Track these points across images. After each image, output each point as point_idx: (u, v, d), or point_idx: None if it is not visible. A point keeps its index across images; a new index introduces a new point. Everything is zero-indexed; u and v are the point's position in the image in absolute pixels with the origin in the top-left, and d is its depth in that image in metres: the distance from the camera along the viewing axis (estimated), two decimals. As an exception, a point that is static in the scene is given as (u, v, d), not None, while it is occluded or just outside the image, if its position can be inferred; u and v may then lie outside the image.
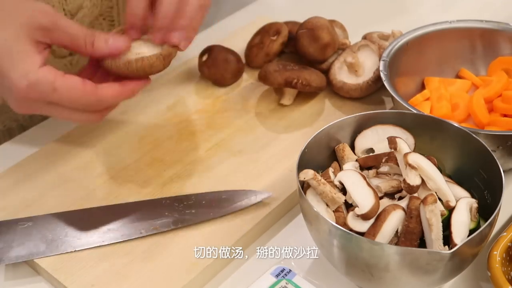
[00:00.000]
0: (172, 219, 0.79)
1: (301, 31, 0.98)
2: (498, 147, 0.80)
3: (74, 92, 0.73)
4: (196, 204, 0.80)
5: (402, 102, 0.83)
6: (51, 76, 0.72)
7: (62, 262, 0.75)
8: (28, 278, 0.77)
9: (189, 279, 0.73)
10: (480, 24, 0.97)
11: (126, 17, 0.79)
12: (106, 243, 0.77)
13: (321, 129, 0.76)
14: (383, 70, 0.89)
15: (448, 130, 0.77)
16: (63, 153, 0.89)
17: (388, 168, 0.75)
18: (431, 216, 0.66)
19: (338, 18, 1.05)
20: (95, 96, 0.74)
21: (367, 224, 0.69)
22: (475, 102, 0.89)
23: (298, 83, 0.92)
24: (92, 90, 0.73)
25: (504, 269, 0.69)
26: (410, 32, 0.95)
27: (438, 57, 0.97)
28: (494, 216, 0.66)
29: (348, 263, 0.68)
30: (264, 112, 0.96)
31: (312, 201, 0.71)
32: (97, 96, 0.74)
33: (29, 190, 0.84)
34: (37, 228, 0.78)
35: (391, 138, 0.72)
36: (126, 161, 0.88)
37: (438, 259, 0.63)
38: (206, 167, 0.87)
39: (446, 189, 0.70)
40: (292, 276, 0.73)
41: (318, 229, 0.69)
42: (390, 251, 0.64)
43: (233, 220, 0.79)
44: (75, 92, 0.73)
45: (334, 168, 0.76)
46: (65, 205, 0.82)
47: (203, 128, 0.93)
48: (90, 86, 0.73)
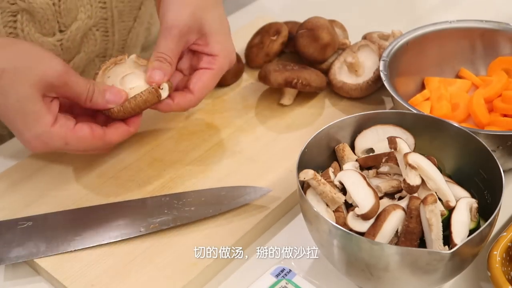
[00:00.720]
0: (172, 217, 0.79)
1: (301, 31, 0.98)
2: (498, 147, 0.80)
3: (84, 142, 0.78)
4: (195, 201, 0.80)
5: (402, 102, 0.83)
6: (62, 132, 0.76)
7: (62, 262, 0.75)
8: (28, 278, 0.77)
9: (189, 279, 0.73)
10: (480, 24, 0.97)
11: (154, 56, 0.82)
12: (106, 242, 0.77)
13: (321, 129, 0.76)
14: (383, 70, 0.89)
15: (448, 130, 0.77)
16: (63, 153, 0.89)
17: (388, 168, 0.75)
18: (431, 216, 0.66)
19: (338, 18, 1.05)
20: (103, 141, 0.79)
21: (367, 224, 0.69)
22: (475, 102, 0.89)
23: (298, 83, 0.92)
24: (100, 136, 0.79)
25: (504, 269, 0.69)
26: (410, 32, 0.95)
27: (438, 57, 0.97)
28: (494, 216, 0.66)
29: (348, 263, 0.68)
30: (264, 112, 0.96)
31: (312, 201, 0.71)
32: (105, 141, 0.79)
33: (29, 190, 0.84)
34: (37, 228, 0.78)
35: (391, 138, 0.72)
36: (126, 161, 0.88)
37: (438, 259, 0.63)
38: (206, 167, 0.87)
39: (446, 189, 0.70)
40: (292, 276, 0.73)
41: (318, 229, 0.69)
42: (390, 251, 0.64)
43: (233, 220, 0.79)
44: (85, 142, 0.78)
45: (334, 168, 0.76)
46: (65, 205, 0.82)
47: (203, 128, 0.93)
48: (98, 133, 0.78)
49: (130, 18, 1.00)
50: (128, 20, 1.00)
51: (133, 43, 1.04)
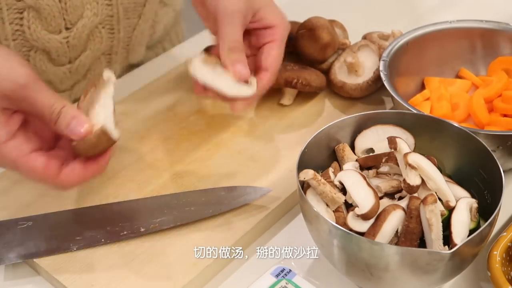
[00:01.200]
0: (172, 217, 0.79)
1: (301, 31, 0.98)
2: (498, 147, 0.80)
3: (34, 174, 0.70)
4: (195, 201, 0.80)
5: (402, 102, 0.83)
6: (13, 155, 0.69)
7: (62, 262, 0.75)
8: (28, 278, 0.77)
9: (189, 279, 0.73)
10: (480, 24, 0.97)
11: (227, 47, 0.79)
12: (106, 242, 0.77)
13: (321, 129, 0.76)
14: (383, 70, 0.89)
15: (448, 130, 0.77)
16: (63, 153, 0.89)
17: (388, 168, 0.75)
18: (431, 216, 0.66)
19: (338, 18, 1.05)
20: (54, 181, 0.70)
21: (367, 224, 0.69)
22: (475, 102, 0.89)
23: (298, 83, 0.92)
24: (53, 175, 0.70)
25: (504, 269, 0.69)
26: (410, 32, 0.95)
27: (438, 57, 0.97)
28: (494, 216, 0.66)
29: (348, 263, 0.68)
30: (264, 112, 0.96)
31: (312, 201, 0.71)
32: (58, 181, 0.71)
33: (29, 190, 0.84)
34: (37, 228, 0.78)
35: (391, 138, 0.72)
36: (126, 161, 0.88)
37: (438, 259, 0.63)
38: (206, 167, 0.87)
39: (446, 189, 0.70)
40: (292, 276, 0.73)
41: (318, 229, 0.69)
42: (390, 251, 0.64)
43: (233, 220, 0.79)
44: (35, 174, 0.70)
45: (334, 168, 0.76)
46: (65, 205, 0.82)
47: (203, 128, 0.93)
48: (52, 170, 0.70)
49: (135, 15, 1.00)
50: (133, 17, 1.00)
51: (138, 41, 1.04)
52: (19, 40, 0.91)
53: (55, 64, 0.97)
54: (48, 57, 0.95)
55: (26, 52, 0.93)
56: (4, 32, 0.89)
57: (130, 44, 1.04)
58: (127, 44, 1.03)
